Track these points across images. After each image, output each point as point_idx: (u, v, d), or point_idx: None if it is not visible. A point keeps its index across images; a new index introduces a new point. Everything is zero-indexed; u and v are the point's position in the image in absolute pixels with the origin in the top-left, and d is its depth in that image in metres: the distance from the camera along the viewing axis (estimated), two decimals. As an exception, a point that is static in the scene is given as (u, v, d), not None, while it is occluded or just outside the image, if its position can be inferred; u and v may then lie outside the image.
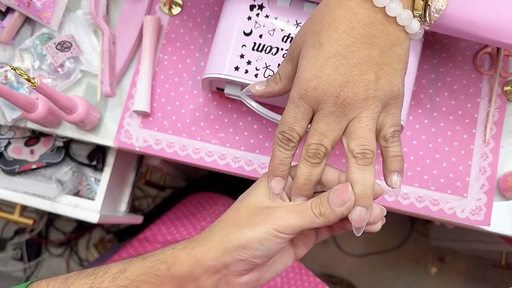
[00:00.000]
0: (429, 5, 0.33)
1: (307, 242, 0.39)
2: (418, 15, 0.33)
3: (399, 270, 1.35)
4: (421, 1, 0.33)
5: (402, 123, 0.47)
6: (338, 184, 0.34)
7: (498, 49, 0.55)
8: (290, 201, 0.37)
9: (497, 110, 0.55)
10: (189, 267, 0.34)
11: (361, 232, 0.34)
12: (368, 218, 0.34)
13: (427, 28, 0.35)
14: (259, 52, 0.48)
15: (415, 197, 0.54)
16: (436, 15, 0.34)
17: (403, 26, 0.33)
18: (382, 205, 0.35)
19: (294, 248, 0.39)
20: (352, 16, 0.32)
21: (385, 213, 0.36)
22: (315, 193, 0.37)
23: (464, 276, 1.33)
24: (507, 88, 0.55)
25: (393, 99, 0.34)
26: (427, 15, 0.34)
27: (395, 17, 0.32)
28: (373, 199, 0.35)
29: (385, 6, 0.32)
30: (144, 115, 0.58)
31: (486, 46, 0.55)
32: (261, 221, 0.33)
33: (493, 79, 0.55)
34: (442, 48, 0.57)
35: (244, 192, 0.38)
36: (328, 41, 0.33)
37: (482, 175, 0.54)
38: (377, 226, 0.35)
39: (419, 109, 0.55)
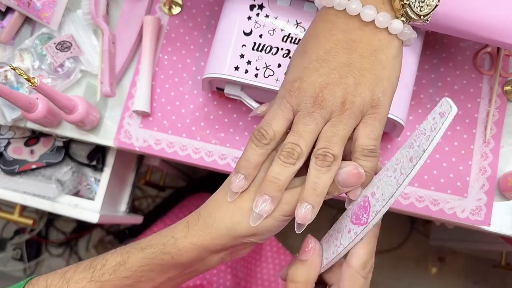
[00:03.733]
0: (406, 3, 0.33)
1: None
2: (400, 14, 0.33)
3: (399, 270, 1.35)
4: (398, 1, 0.33)
5: (402, 122, 0.47)
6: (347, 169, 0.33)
7: (498, 49, 0.55)
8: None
9: (497, 110, 0.55)
10: (196, 254, 0.34)
11: (302, 229, 0.33)
12: (312, 218, 0.32)
13: (420, 25, 0.35)
14: (259, 52, 0.48)
15: (415, 197, 0.54)
16: (426, 10, 0.34)
17: (385, 29, 0.33)
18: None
19: None
20: (331, 25, 0.34)
21: (362, 180, 0.33)
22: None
23: (464, 276, 1.33)
24: (507, 88, 0.55)
25: (372, 108, 0.33)
26: (409, 13, 0.33)
27: (373, 21, 0.33)
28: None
29: (359, 13, 0.32)
30: (144, 115, 0.58)
31: (486, 46, 0.55)
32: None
33: (493, 79, 0.55)
34: (442, 48, 0.56)
35: None
36: (310, 48, 0.34)
37: (482, 175, 0.54)
38: (356, 193, 0.34)
39: (419, 109, 0.55)
